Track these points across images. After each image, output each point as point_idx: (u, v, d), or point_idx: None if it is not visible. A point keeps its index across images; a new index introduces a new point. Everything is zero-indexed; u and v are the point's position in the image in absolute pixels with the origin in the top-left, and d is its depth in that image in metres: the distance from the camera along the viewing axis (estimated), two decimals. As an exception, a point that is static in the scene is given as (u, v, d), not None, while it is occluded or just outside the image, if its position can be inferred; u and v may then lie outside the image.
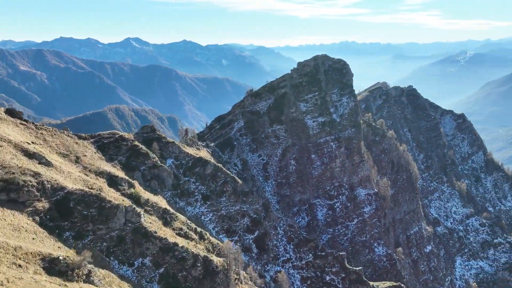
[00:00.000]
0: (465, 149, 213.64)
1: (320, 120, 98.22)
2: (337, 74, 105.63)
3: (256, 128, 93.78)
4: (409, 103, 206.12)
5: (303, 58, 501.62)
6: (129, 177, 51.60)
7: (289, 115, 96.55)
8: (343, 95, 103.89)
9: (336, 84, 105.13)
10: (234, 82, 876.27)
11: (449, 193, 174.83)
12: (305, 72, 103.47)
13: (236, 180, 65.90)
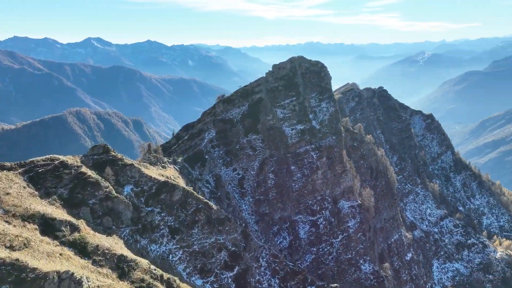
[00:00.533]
0: (434, 149, 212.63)
1: (299, 128, 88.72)
2: (315, 77, 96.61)
3: (230, 138, 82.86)
4: (381, 104, 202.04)
5: (270, 59, 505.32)
6: (73, 216, 39.41)
7: (266, 123, 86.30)
8: (322, 100, 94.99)
9: (315, 88, 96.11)
10: (202, 83, 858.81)
11: (423, 195, 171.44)
12: (281, 76, 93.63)
13: (210, 206, 54.75)
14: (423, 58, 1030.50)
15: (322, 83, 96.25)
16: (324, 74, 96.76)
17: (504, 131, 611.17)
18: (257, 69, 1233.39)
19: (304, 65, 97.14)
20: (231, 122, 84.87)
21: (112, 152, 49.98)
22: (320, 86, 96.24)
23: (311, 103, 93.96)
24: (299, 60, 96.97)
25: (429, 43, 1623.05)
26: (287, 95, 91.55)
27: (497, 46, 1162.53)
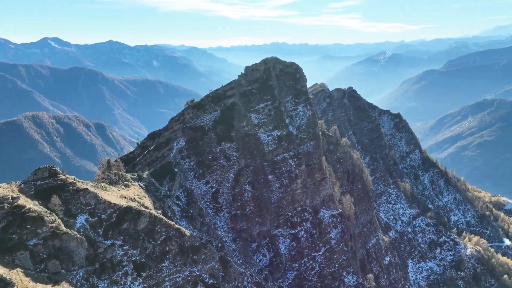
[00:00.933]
0: (403, 148, 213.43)
1: (276, 134, 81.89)
2: (290, 79, 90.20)
3: (201, 147, 74.63)
4: (351, 105, 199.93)
5: (237, 59, 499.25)
6: (5, 266, 30.26)
7: (240, 130, 78.74)
8: (298, 103, 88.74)
9: (290, 91, 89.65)
10: (167, 84, 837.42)
11: (396, 195, 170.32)
12: (254, 78, 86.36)
13: (182, 233, 46.55)
14: (384, 58, 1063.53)
15: (297, 85, 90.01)
16: (299, 76, 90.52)
17: (460, 127, 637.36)
18: (224, 70, 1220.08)
19: (278, 67, 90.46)
20: (202, 129, 76.69)
21: (60, 175, 40.62)
22: (296, 89, 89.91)
23: (287, 107, 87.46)
24: (273, 61, 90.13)
25: (389, 43, 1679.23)
26: (262, 99, 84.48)
27: (451, 46, 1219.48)
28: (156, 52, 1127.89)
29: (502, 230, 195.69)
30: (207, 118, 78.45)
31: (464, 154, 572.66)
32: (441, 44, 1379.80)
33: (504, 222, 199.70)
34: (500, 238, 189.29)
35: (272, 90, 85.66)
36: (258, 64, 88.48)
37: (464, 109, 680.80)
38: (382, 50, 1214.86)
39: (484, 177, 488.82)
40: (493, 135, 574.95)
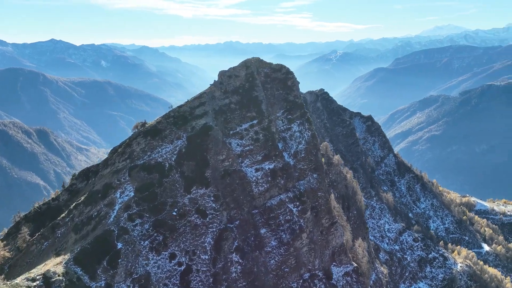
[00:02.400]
0: (377, 152, 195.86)
1: (268, 167, 56.01)
2: (280, 87, 64.54)
3: (160, 199, 47.06)
4: (324, 109, 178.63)
5: (190, 58, 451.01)
6: None
7: (218, 166, 51.88)
8: (293, 121, 63.37)
9: (280, 103, 64.00)
10: (117, 85, 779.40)
11: (379, 208, 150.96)
12: (233, 88, 59.63)
13: None
14: (336, 56, 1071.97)
15: (290, 96, 64.59)
16: (291, 84, 65.05)
17: (410, 122, 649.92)
18: (178, 69, 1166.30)
19: (263, 71, 64.35)
20: (161, 169, 48.96)
21: None
22: (288, 101, 64.31)
23: (278, 126, 61.91)
24: (257, 64, 63.64)
25: (339, 42, 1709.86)
26: (245, 117, 58.08)
27: (397, 45, 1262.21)
28: (105, 52, 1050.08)
29: (479, 234, 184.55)
30: (168, 151, 50.74)
31: (415, 148, 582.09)
32: (387, 43, 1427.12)
33: (478, 224, 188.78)
34: (479, 243, 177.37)
35: (258, 103, 59.53)
36: (237, 68, 61.56)
37: (413, 105, 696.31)
38: (333, 49, 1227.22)
39: (434, 170, 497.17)
40: (440, 129, 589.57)
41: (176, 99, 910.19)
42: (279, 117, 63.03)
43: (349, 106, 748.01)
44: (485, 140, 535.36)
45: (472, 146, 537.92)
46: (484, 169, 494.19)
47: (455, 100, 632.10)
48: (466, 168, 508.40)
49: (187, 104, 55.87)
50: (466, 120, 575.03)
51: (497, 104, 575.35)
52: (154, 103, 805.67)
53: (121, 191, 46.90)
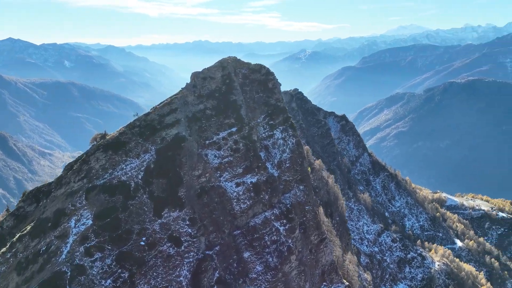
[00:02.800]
0: (352, 152, 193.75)
1: (250, 181, 49.09)
2: (260, 90, 57.75)
3: (125, 226, 39.07)
4: (299, 109, 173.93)
5: (158, 57, 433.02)
6: None
7: (193, 183, 44.35)
8: (275, 127, 56.80)
9: (261, 108, 57.24)
10: (82, 86, 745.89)
11: (358, 209, 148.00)
12: (208, 91, 52.15)
13: None
14: (305, 55, 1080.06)
15: (271, 99, 57.95)
16: (272, 86, 58.41)
17: (378, 119, 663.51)
18: (146, 69, 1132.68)
19: (241, 72, 57.27)
20: (125, 189, 40.88)
21: None
22: (269, 105, 57.62)
23: (260, 133, 55.15)
24: (234, 65, 56.38)
25: (308, 42, 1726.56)
26: (223, 125, 50.84)
27: (363, 44, 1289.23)
28: (68, 51, 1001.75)
29: (452, 230, 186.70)
30: (133, 167, 42.68)
31: (383, 145, 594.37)
32: (354, 42, 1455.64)
33: (451, 220, 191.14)
34: (452, 239, 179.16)
35: (237, 108, 52.44)
36: (212, 68, 54.03)
37: (380, 103, 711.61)
38: (302, 48, 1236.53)
39: (402, 165, 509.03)
40: (407, 125, 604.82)
41: (144, 99, 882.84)
42: (260, 123, 56.24)
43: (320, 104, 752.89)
44: (449, 136, 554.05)
45: (437, 142, 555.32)
46: (448, 163, 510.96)
47: (419, 97, 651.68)
48: (432, 163, 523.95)
49: (155, 111, 47.76)
50: (430, 117, 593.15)
51: (458, 101, 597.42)
52: (122, 104, 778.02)
53: (77, 219, 38.48)
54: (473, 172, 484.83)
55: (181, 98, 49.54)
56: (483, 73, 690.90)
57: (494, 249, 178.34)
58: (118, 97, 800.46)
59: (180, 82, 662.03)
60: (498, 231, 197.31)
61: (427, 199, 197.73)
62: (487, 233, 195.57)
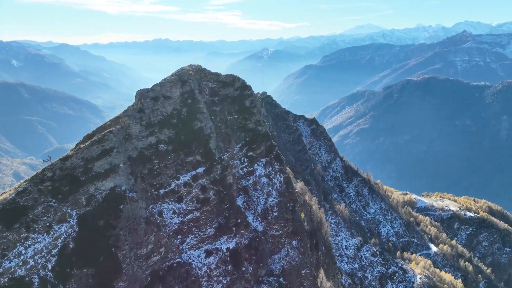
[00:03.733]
0: (323, 157, 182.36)
1: (225, 248, 33.38)
2: (234, 110, 41.95)
3: None
4: (269, 114, 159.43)
5: (117, 56, 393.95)
6: None
7: (140, 268, 28.01)
8: (256, 160, 41.33)
9: (237, 134, 41.56)
10: (33, 87, 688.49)
11: (335, 223, 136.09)
12: (162, 117, 35.60)
13: None
14: (267, 54, 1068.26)
15: (249, 122, 42.33)
16: (251, 104, 42.75)
17: (341, 117, 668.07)
18: (103, 68, 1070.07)
19: (208, 86, 41.05)
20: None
21: None
22: (247, 130, 42.01)
23: (237, 169, 39.52)
24: (198, 76, 39.95)
25: (269, 40, 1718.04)
26: (184, 164, 34.66)
27: (323, 43, 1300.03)
28: (16, 50, 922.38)
29: (425, 234, 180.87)
30: (39, 249, 25.70)
31: (346, 142, 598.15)
32: (315, 41, 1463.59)
33: (423, 224, 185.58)
34: (427, 244, 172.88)
35: (204, 140, 36.37)
36: (166, 83, 37.15)
37: (342, 101, 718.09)
38: (264, 47, 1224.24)
39: (364, 162, 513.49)
40: (368, 123, 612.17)
41: (103, 100, 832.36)
42: (237, 156, 40.55)
43: (283, 103, 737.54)
44: (407, 131, 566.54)
45: (396, 137, 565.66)
46: (408, 158, 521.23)
47: (379, 94, 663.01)
48: (393, 158, 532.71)
49: (79, 153, 30.46)
50: (390, 113, 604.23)
51: (415, 98, 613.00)
52: (78, 105, 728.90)
53: None
54: (431, 165, 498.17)
55: (119, 131, 32.49)
56: (436, 71, 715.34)
57: (466, 251, 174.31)
58: (74, 99, 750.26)
59: (143, 82, 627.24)
60: (467, 231, 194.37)
61: (399, 203, 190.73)
62: (457, 234, 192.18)
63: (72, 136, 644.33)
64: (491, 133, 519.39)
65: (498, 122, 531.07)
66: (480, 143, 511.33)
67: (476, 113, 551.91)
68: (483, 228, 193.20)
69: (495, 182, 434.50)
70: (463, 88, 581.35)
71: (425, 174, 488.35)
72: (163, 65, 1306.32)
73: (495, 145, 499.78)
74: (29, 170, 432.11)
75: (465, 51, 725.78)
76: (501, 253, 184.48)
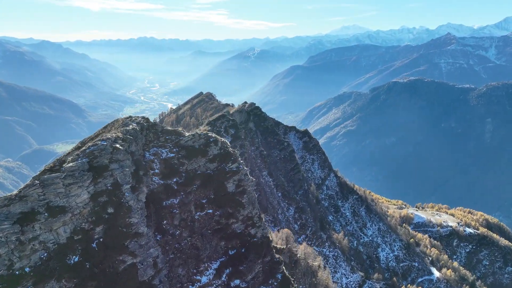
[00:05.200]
0: (317, 173, 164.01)
1: None
2: (209, 198, 22.69)
3: None
4: (257, 129, 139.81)
5: (100, 54, 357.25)
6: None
7: None
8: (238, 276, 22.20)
9: (211, 243, 22.31)
10: (11, 86, 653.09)
11: (333, 256, 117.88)
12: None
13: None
14: (254, 53, 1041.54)
15: (234, 222, 22.91)
16: (237, 187, 23.36)
17: (327, 118, 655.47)
18: (86, 67, 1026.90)
19: (160, 157, 21.50)
20: None
21: None
22: (233, 237, 22.64)
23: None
24: (136, 144, 20.38)
25: (256, 40, 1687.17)
26: None
27: (310, 43, 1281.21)
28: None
29: (426, 256, 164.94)
30: None
31: (333, 143, 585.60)
32: (301, 41, 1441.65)
33: (423, 244, 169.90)
34: (428, 269, 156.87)
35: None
36: (58, 179, 17.44)
37: (328, 102, 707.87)
38: (251, 46, 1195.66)
39: (351, 164, 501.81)
40: (355, 124, 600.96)
41: (85, 100, 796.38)
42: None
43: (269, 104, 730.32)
44: (394, 133, 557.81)
45: (383, 139, 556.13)
46: (394, 160, 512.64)
47: (366, 96, 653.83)
48: (379, 160, 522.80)
49: None
50: (376, 115, 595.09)
51: (401, 100, 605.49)
52: (59, 105, 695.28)
53: None
54: (417, 167, 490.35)
55: None
56: (421, 72, 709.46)
57: (469, 273, 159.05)
58: (55, 98, 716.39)
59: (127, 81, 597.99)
60: (466, 249, 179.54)
61: (397, 221, 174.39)
62: (456, 251, 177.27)
63: (52, 137, 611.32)
64: (476, 135, 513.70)
65: (482, 125, 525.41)
66: (466, 145, 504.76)
67: (461, 115, 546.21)
68: (483, 246, 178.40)
69: (480, 184, 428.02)
70: (448, 90, 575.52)
71: (411, 176, 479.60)
72: (148, 64, 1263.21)
73: (480, 147, 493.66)
74: (6, 173, 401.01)
75: (450, 54, 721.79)
76: (503, 272, 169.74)
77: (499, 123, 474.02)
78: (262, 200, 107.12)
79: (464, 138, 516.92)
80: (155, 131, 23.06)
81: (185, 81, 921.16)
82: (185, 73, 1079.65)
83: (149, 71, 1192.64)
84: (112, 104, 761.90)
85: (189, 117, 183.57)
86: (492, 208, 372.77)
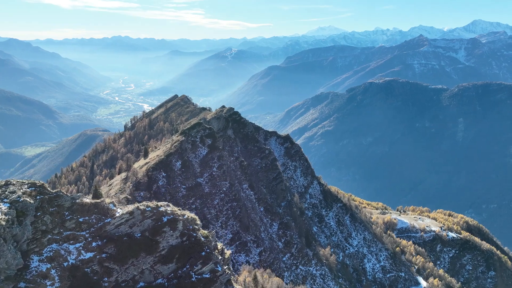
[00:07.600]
0: (299, 181, 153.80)
1: None
2: None
3: None
4: (236, 136, 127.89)
5: (72, 53, 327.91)
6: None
7: None
8: None
9: None
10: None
11: (321, 275, 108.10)
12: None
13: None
14: (231, 53, 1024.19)
15: None
16: None
17: (305, 118, 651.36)
18: (57, 66, 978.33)
19: None
20: None
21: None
22: None
23: None
24: None
25: (233, 40, 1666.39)
26: None
27: (287, 44, 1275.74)
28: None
29: (411, 264, 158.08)
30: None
31: (312, 144, 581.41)
32: (278, 41, 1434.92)
33: (408, 252, 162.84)
34: (415, 279, 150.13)
35: None
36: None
37: (306, 102, 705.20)
38: (228, 46, 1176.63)
39: (329, 164, 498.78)
40: (332, 124, 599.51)
41: (56, 100, 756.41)
42: None
43: (247, 104, 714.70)
44: (370, 133, 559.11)
45: (360, 139, 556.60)
46: (371, 159, 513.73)
47: (343, 96, 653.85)
48: (356, 159, 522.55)
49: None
50: (353, 115, 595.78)
51: (377, 100, 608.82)
52: (28, 106, 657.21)
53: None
54: (393, 166, 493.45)
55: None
56: (395, 73, 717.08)
57: (454, 281, 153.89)
58: (23, 99, 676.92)
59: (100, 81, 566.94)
60: (450, 254, 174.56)
61: (382, 228, 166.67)
62: (440, 257, 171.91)
63: (21, 140, 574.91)
64: (448, 134, 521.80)
65: (455, 124, 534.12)
66: (439, 144, 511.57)
67: (435, 115, 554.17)
68: (466, 250, 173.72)
69: (453, 182, 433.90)
70: (422, 91, 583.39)
71: (388, 175, 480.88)
72: (122, 64, 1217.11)
73: (452, 146, 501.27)
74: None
75: (422, 55, 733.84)
76: (486, 277, 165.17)
77: (470, 123, 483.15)
78: (243, 218, 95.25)
79: (438, 137, 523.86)
80: (57, 210, 11.13)
81: (161, 81, 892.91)
82: (161, 73, 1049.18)
83: (124, 71, 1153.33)
84: (85, 105, 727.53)
85: (163, 122, 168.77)
86: (465, 206, 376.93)
